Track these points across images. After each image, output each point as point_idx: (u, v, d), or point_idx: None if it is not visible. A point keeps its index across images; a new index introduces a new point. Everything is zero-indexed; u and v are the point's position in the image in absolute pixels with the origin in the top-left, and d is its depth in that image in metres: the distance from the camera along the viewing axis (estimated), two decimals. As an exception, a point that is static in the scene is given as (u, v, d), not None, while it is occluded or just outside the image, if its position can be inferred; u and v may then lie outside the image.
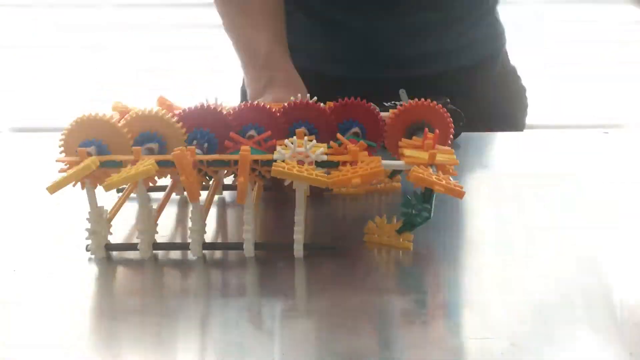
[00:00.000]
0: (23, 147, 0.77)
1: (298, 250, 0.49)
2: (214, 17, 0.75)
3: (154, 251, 0.50)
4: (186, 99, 0.59)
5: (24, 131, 0.94)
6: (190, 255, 0.49)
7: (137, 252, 0.49)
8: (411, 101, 0.54)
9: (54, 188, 0.46)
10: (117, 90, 0.91)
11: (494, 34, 0.86)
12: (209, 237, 0.51)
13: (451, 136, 0.55)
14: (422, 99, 0.54)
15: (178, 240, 0.53)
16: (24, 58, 0.91)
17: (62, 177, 0.46)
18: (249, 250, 0.49)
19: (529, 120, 0.90)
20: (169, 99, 0.61)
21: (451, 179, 0.47)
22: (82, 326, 0.43)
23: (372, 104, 0.55)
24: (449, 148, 0.50)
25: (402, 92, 0.61)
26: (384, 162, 0.48)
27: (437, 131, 0.50)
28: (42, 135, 0.81)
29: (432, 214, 0.48)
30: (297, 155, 0.48)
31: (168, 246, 0.51)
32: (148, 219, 0.50)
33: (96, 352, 0.41)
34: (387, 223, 0.50)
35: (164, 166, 0.48)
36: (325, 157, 0.48)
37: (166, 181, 0.56)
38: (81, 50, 0.87)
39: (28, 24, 0.87)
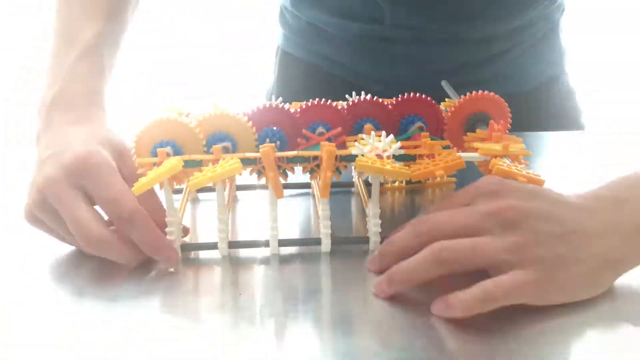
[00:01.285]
0: (23, 147, 0.77)
1: (375, 242, 0.50)
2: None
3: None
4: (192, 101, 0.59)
5: (23, 131, 0.92)
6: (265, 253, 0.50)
7: (213, 251, 0.50)
8: (469, 94, 0.56)
9: (140, 188, 0.46)
10: (116, 90, 0.90)
11: (557, 56, 0.83)
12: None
13: None
14: (480, 91, 0.56)
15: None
16: (24, 58, 0.89)
17: (148, 178, 0.46)
18: (326, 245, 0.50)
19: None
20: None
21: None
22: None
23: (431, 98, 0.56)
24: (517, 138, 0.52)
25: (446, 84, 0.63)
26: (463, 154, 0.49)
27: (502, 121, 0.52)
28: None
29: None
30: (375, 150, 0.49)
31: (245, 244, 0.51)
32: (226, 218, 0.50)
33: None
34: None
35: (247, 164, 0.49)
36: (402, 151, 0.49)
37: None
38: None
39: (28, 23, 0.86)
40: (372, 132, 0.49)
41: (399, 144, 0.49)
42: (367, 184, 0.55)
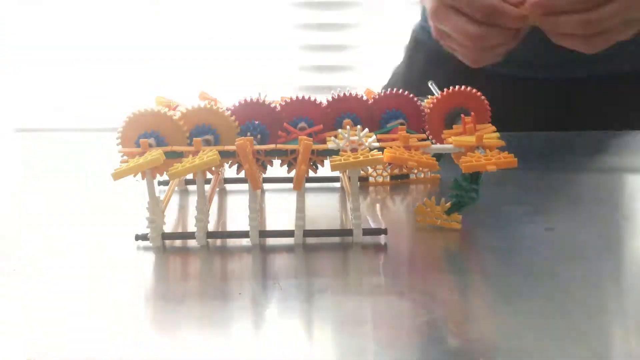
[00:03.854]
0: (23, 147, 0.78)
1: (358, 235, 0.51)
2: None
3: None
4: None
5: (24, 131, 0.94)
6: (245, 243, 0.52)
7: (193, 240, 0.51)
8: (447, 90, 0.57)
9: (118, 175, 0.48)
10: (116, 90, 0.92)
11: None
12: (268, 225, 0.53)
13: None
14: (457, 87, 0.57)
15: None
16: (24, 58, 0.92)
17: (128, 166, 0.48)
18: (298, 237, 0.51)
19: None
20: (210, 94, 0.63)
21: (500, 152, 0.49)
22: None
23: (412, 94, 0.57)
24: (490, 126, 0.53)
25: (432, 84, 0.64)
26: (433, 146, 0.50)
27: (472, 114, 0.53)
28: (42, 135, 0.82)
29: (479, 196, 0.51)
30: (351, 144, 0.50)
31: (223, 234, 0.53)
32: (204, 208, 0.51)
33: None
34: (436, 205, 0.53)
35: (226, 157, 0.50)
36: (377, 144, 0.50)
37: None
38: (81, 50, 0.88)
39: (28, 24, 0.88)
40: (348, 127, 0.50)
41: (374, 136, 0.50)
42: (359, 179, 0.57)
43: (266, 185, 0.63)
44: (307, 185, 0.62)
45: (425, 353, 0.39)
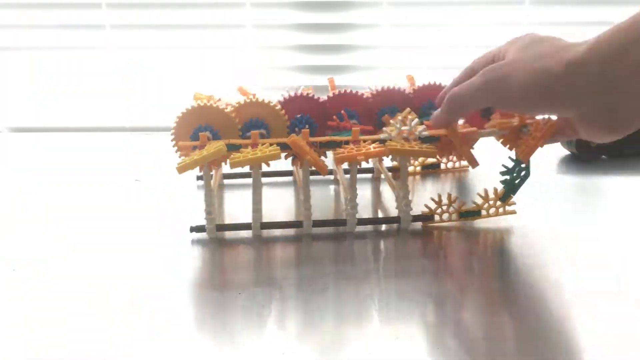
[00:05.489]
0: (23, 147, 0.78)
1: (407, 221, 0.54)
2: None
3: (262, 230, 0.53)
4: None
5: (24, 131, 0.94)
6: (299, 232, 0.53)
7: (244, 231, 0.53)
8: None
9: (183, 168, 0.49)
10: (115, 89, 0.92)
11: None
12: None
13: None
14: None
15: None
16: (24, 58, 0.91)
17: (192, 159, 0.49)
18: (351, 225, 0.53)
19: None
20: (249, 90, 0.64)
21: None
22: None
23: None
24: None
25: None
26: (481, 131, 0.53)
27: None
28: (42, 135, 0.82)
29: (529, 171, 0.52)
30: (402, 134, 0.52)
31: (276, 225, 0.54)
32: (259, 200, 0.53)
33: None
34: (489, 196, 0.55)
35: (284, 149, 0.52)
36: (427, 133, 0.53)
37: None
38: (81, 50, 0.88)
39: (28, 24, 0.87)
40: (399, 117, 0.53)
41: (423, 126, 0.53)
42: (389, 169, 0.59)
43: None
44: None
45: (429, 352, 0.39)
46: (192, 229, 0.53)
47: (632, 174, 0.66)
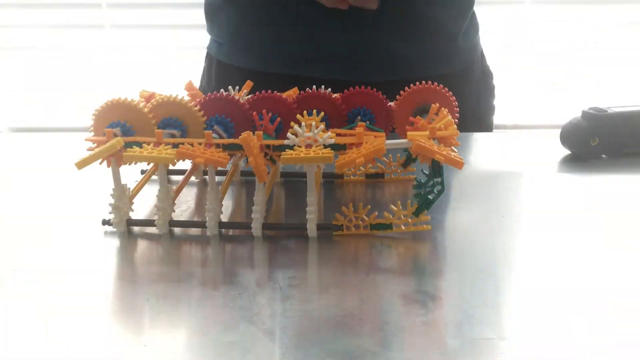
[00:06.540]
0: (23, 147, 0.80)
1: (312, 230, 0.52)
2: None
3: (171, 228, 0.54)
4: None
5: (24, 131, 0.97)
6: (207, 233, 0.53)
7: (155, 227, 0.53)
8: (412, 86, 0.57)
9: (82, 164, 0.50)
10: (115, 89, 0.95)
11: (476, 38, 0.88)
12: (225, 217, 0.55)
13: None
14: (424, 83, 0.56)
15: (197, 218, 0.56)
16: (24, 58, 0.95)
17: (90, 154, 0.50)
18: (256, 229, 0.52)
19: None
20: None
21: (454, 150, 0.49)
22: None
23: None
24: (450, 119, 0.52)
25: None
26: (388, 141, 0.50)
27: (433, 105, 0.53)
28: (42, 135, 0.84)
29: (444, 187, 0.50)
30: (306, 140, 0.51)
31: (183, 224, 0.55)
32: (166, 197, 0.53)
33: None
34: (402, 209, 0.52)
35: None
36: (332, 141, 0.51)
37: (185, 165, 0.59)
38: (80, 50, 0.91)
39: (28, 24, 0.91)
40: (302, 123, 0.51)
41: (329, 133, 0.51)
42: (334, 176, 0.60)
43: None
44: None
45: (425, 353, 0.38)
46: (104, 222, 0.54)
47: (632, 174, 0.66)
